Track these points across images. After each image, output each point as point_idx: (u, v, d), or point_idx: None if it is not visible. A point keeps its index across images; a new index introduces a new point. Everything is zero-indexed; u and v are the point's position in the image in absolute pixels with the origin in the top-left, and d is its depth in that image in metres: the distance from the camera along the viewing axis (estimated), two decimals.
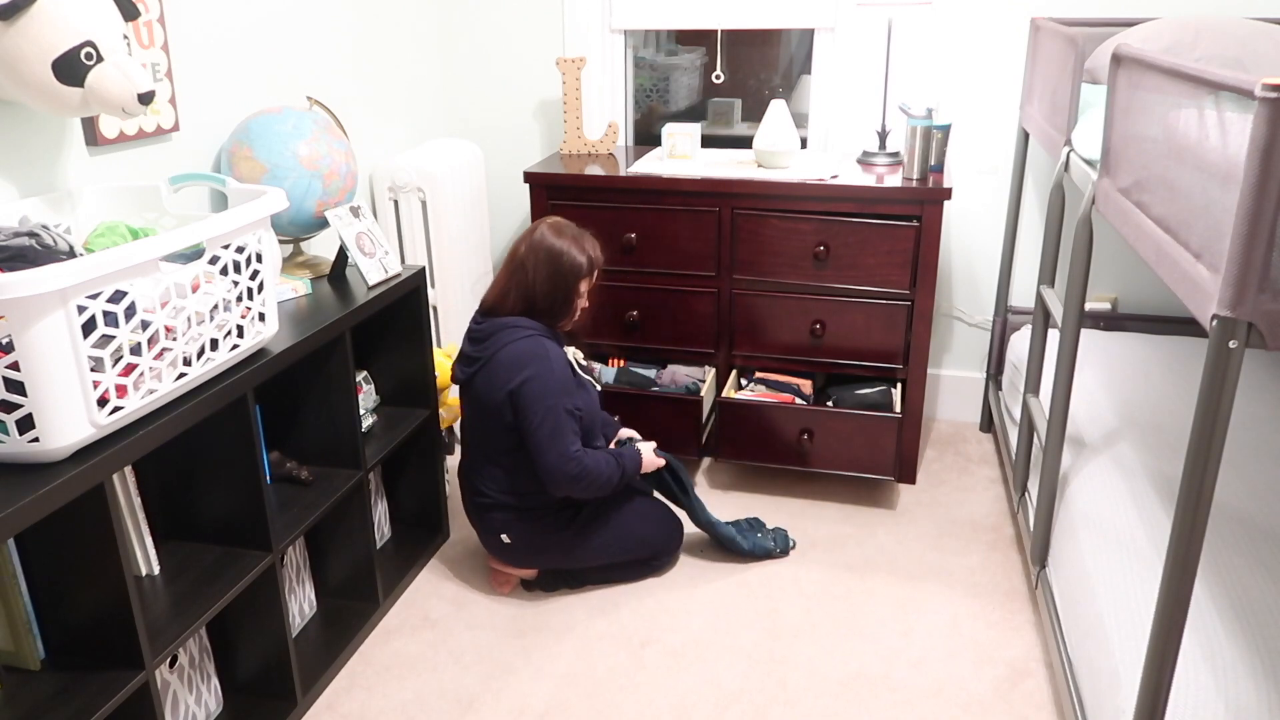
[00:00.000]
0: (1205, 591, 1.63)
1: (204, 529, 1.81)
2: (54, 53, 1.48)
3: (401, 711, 1.96)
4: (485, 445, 2.21)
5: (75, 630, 1.50)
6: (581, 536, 2.23)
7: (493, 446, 2.19)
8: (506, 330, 2.14)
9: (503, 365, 2.12)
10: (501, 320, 2.16)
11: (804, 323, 2.65)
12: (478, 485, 2.24)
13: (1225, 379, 1.15)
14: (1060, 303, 2.09)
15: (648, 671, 2.07)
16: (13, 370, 1.27)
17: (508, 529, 2.22)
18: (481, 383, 2.15)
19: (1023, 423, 2.36)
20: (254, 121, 2.10)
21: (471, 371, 2.18)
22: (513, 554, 2.25)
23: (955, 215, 3.04)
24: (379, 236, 2.22)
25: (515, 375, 2.10)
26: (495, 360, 2.13)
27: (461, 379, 2.22)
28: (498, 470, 2.20)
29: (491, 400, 2.14)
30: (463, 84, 3.26)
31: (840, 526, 2.60)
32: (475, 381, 2.17)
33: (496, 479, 2.21)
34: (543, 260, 2.15)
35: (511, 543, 2.22)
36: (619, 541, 2.28)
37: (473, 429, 2.24)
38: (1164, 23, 2.22)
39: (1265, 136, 1.03)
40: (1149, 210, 1.46)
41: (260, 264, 1.70)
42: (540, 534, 2.22)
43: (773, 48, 3.24)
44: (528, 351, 2.11)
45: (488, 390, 2.14)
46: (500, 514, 2.22)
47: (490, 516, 2.23)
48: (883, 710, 1.95)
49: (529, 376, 2.09)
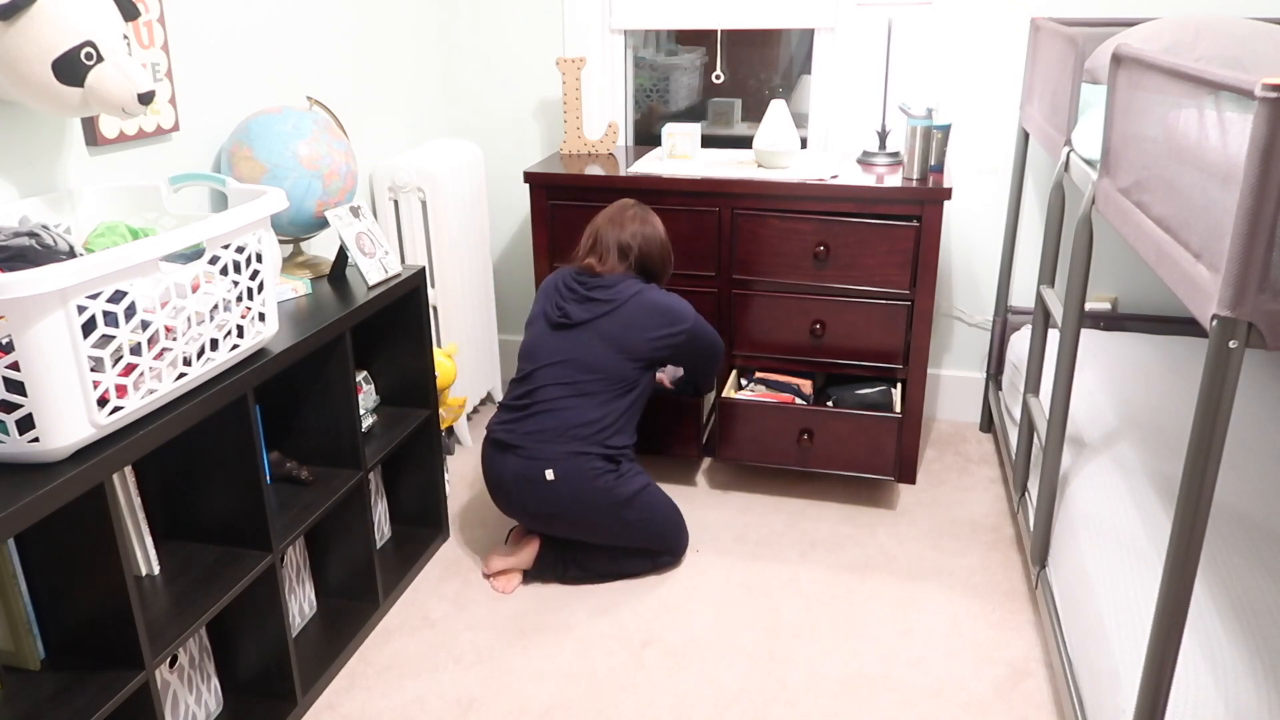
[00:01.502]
0: (1205, 591, 1.63)
1: (204, 529, 1.81)
2: (54, 53, 1.48)
3: (401, 711, 1.96)
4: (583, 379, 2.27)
5: (75, 630, 1.50)
6: (613, 504, 2.25)
7: (595, 379, 2.27)
8: (630, 281, 2.33)
9: (645, 314, 2.30)
10: (617, 275, 2.34)
11: (804, 323, 2.65)
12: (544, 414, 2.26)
13: (1225, 379, 1.15)
14: (1060, 303, 2.09)
15: (648, 671, 2.07)
16: (13, 370, 1.27)
17: (557, 465, 2.22)
18: (616, 324, 2.28)
19: (1023, 423, 2.36)
20: (254, 121, 2.10)
21: (599, 312, 2.29)
22: (542, 499, 2.24)
23: (955, 215, 3.04)
24: (379, 236, 2.22)
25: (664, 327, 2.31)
26: (634, 304, 2.29)
27: (579, 317, 2.30)
28: (578, 402, 2.26)
29: (632, 339, 2.28)
30: (463, 84, 3.26)
31: (840, 526, 2.60)
32: (606, 323, 2.28)
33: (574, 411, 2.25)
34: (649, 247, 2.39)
35: (555, 480, 2.22)
36: (641, 525, 2.30)
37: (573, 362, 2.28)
38: (1164, 23, 2.22)
39: (1265, 136, 1.03)
40: (1149, 210, 1.46)
41: (260, 264, 1.70)
42: (584, 481, 2.23)
43: (773, 48, 3.24)
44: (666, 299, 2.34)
45: (628, 330, 2.28)
46: (557, 448, 2.23)
47: (546, 448, 2.23)
48: (883, 710, 1.95)
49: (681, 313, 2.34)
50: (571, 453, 2.23)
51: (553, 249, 2.77)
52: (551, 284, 2.40)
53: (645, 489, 2.31)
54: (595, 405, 2.26)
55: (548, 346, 2.31)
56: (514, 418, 2.30)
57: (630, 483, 2.28)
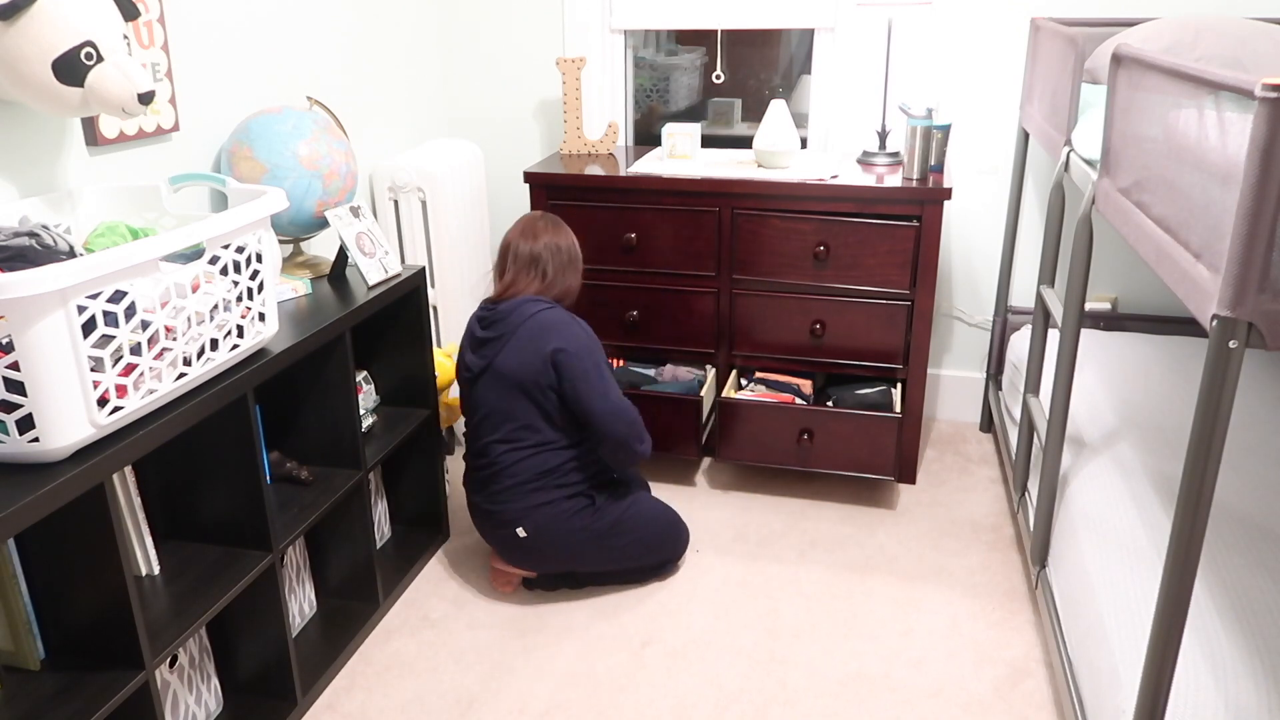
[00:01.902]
0: (1205, 591, 1.63)
1: (204, 529, 1.81)
2: (54, 53, 1.48)
3: (401, 711, 1.96)
4: (509, 429, 2.17)
5: (75, 630, 1.50)
6: (595, 538, 2.21)
7: (519, 428, 2.17)
8: (526, 305, 2.17)
9: (536, 331, 2.13)
10: (516, 300, 2.19)
11: (804, 323, 2.65)
12: (497, 474, 2.18)
13: (1225, 379, 1.15)
14: (1060, 303, 2.09)
15: (648, 671, 2.07)
16: (13, 370, 1.27)
17: (525, 520, 2.16)
18: (510, 358, 2.14)
19: (1023, 423, 2.36)
20: (254, 121, 2.10)
21: (494, 352, 2.16)
22: (525, 551, 2.21)
23: (955, 215, 3.04)
24: (379, 236, 2.22)
25: (553, 337, 2.13)
26: (524, 330, 2.14)
27: (478, 366, 2.19)
28: (523, 454, 2.17)
29: (527, 371, 2.13)
30: (463, 84, 3.26)
31: (840, 526, 2.60)
32: (501, 359, 2.15)
33: (522, 464, 2.17)
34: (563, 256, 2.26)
35: (527, 536, 2.17)
36: (630, 547, 2.26)
37: (494, 414, 2.18)
38: (1164, 23, 2.22)
39: (1265, 136, 1.03)
40: (1149, 210, 1.46)
41: (260, 264, 1.70)
42: (558, 527, 2.17)
43: (773, 48, 3.24)
44: (558, 318, 2.17)
45: (520, 362, 2.13)
46: (520, 504, 2.17)
47: (509, 507, 2.17)
48: (883, 710, 1.95)
49: (569, 335, 2.14)
50: (537, 505, 2.17)
51: None
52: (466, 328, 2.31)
53: (629, 509, 2.26)
54: (549, 454, 2.18)
55: (470, 401, 2.24)
56: (478, 479, 2.24)
57: (609, 512, 2.22)
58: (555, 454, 2.18)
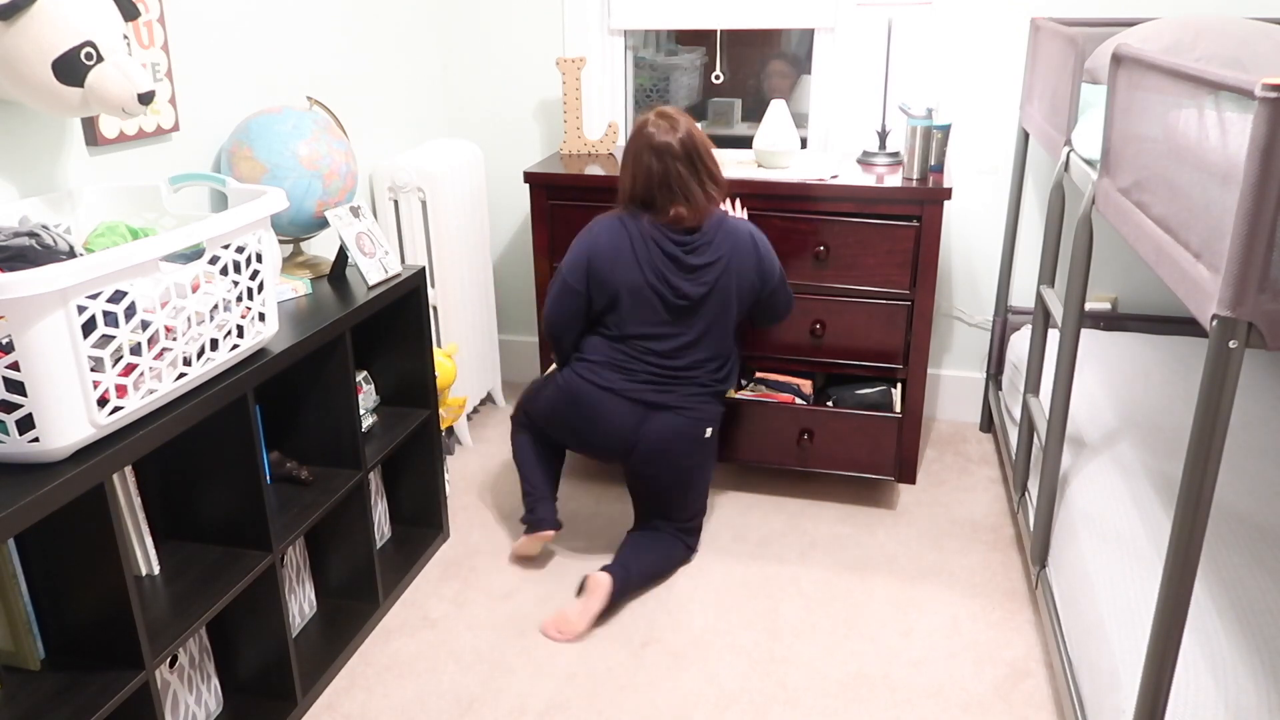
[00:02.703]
0: (1205, 591, 1.63)
1: (204, 529, 1.81)
2: (54, 53, 1.48)
3: (401, 711, 1.96)
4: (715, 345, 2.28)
5: (75, 630, 1.50)
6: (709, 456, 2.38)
7: (727, 338, 2.30)
8: (722, 221, 2.25)
9: (741, 246, 2.25)
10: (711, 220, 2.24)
11: (804, 323, 2.65)
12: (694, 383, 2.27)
13: (1225, 379, 1.15)
14: (1060, 303, 2.09)
15: (648, 671, 2.07)
16: (13, 370, 1.27)
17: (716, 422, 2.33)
18: (733, 280, 2.25)
19: (1023, 423, 2.36)
20: (254, 121, 2.10)
21: (714, 276, 2.23)
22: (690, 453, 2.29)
23: (955, 215, 3.04)
24: (379, 236, 2.22)
25: (753, 244, 2.27)
26: (737, 252, 2.24)
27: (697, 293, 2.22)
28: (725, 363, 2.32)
29: (745, 284, 2.27)
30: (463, 84, 3.26)
31: (840, 526, 2.60)
32: (722, 281, 2.23)
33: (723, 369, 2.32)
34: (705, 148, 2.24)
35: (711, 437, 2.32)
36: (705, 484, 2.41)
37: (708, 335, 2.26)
38: (1164, 23, 2.22)
39: (1265, 136, 1.03)
40: (1149, 210, 1.46)
41: (260, 264, 1.70)
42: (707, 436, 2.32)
43: (773, 48, 3.23)
44: (743, 224, 2.29)
45: (740, 276, 2.25)
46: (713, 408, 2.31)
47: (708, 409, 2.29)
48: (883, 710, 1.95)
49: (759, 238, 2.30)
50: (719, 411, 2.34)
51: (552, 249, 2.77)
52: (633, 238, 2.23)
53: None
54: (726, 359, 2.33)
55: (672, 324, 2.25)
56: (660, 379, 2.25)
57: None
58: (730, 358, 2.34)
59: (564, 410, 2.30)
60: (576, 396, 2.27)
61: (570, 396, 2.28)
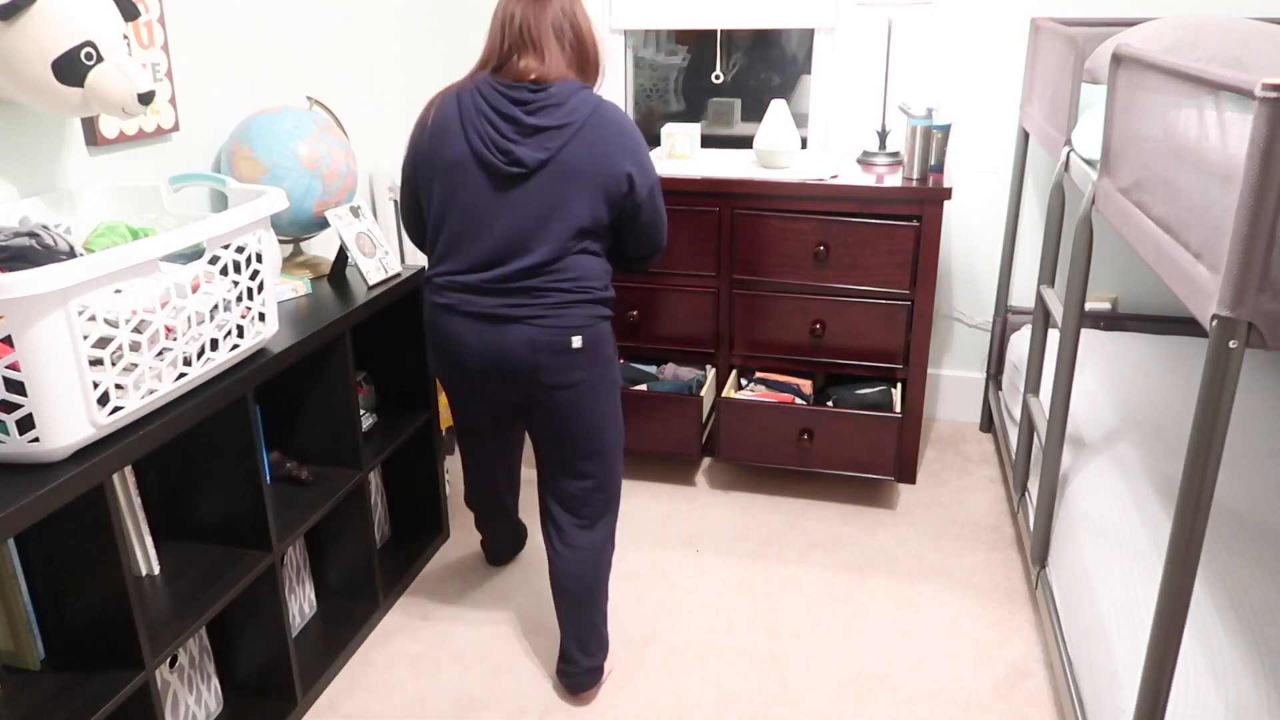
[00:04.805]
0: (1205, 591, 1.63)
1: (204, 529, 1.81)
2: (54, 53, 1.48)
3: (401, 711, 1.96)
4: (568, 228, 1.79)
5: (75, 630, 1.50)
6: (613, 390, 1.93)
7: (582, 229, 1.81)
8: (583, 92, 1.80)
9: (613, 131, 1.80)
10: (566, 84, 1.79)
11: (804, 323, 2.65)
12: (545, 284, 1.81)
13: (1225, 379, 1.15)
14: (1060, 303, 2.09)
15: (648, 671, 2.07)
16: (13, 370, 1.27)
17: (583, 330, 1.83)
18: (580, 149, 1.77)
19: (1023, 423, 2.36)
20: (254, 121, 2.10)
21: (559, 143, 1.76)
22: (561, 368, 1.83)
23: (955, 215, 3.04)
24: (379, 236, 2.22)
25: (632, 144, 1.82)
26: (596, 123, 1.78)
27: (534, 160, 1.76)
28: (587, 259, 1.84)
29: (602, 171, 1.78)
30: None
31: (840, 526, 2.60)
32: (568, 152, 1.76)
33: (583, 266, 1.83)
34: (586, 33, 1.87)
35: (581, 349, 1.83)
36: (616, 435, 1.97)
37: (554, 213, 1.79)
38: (1164, 23, 2.22)
39: (1265, 136, 1.03)
40: (1149, 210, 1.46)
41: (260, 264, 1.70)
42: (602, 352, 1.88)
43: (773, 48, 3.23)
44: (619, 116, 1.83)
45: (592, 156, 1.77)
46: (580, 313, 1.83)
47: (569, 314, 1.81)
48: (883, 710, 1.95)
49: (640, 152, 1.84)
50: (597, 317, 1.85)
51: None
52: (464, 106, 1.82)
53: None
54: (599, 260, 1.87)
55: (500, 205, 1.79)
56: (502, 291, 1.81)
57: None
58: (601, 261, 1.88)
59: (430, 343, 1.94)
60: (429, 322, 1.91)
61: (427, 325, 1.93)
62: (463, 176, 1.80)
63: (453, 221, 1.83)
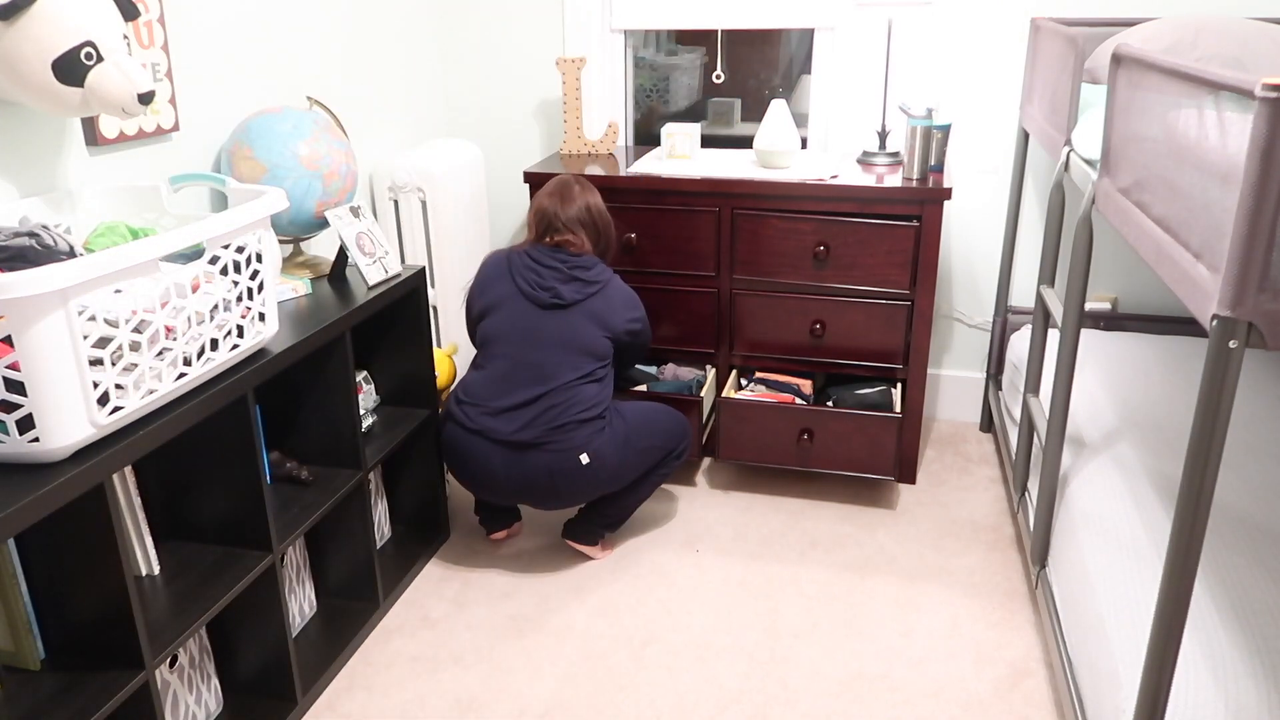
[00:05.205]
0: (1205, 591, 1.63)
1: (204, 529, 1.81)
2: (54, 53, 1.48)
3: (401, 711, 1.96)
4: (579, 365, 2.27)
5: (75, 630, 1.50)
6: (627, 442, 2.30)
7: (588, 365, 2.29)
8: (601, 264, 2.37)
9: (621, 299, 2.35)
10: (591, 257, 2.36)
11: (804, 323, 2.65)
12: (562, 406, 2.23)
13: (1225, 379, 1.15)
14: (1060, 303, 2.09)
15: (648, 671, 2.07)
16: (13, 370, 1.27)
17: (588, 446, 2.23)
18: (600, 305, 2.31)
19: (1023, 423, 2.36)
20: (254, 121, 2.10)
21: (588, 293, 2.30)
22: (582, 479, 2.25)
23: (955, 215, 3.04)
24: (379, 236, 2.22)
25: (633, 311, 2.38)
26: (612, 289, 2.34)
27: (572, 297, 2.29)
28: (593, 387, 2.29)
29: (612, 322, 2.32)
30: (463, 84, 3.26)
31: (840, 526, 2.60)
32: (593, 304, 2.30)
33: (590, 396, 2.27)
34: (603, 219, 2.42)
35: (591, 461, 2.24)
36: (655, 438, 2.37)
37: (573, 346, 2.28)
38: (1164, 23, 2.22)
39: (1265, 136, 1.03)
40: (1149, 210, 1.46)
41: (260, 264, 1.70)
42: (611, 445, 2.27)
43: (773, 48, 3.23)
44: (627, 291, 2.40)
45: (607, 313, 2.32)
46: (583, 432, 2.23)
47: (574, 436, 2.23)
48: (883, 710, 1.95)
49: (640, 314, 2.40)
50: (596, 431, 2.25)
51: None
52: (514, 262, 2.34)
53: (629, 409, 2.37)
54: (599, 387, 2.30)
55: (538, 328, 2.28)
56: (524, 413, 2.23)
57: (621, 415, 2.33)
58: (603, 388, 2.32)
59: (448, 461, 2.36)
60: (449, 444, 2.31)
61: (447, 446, 2.32)
62: (508, 304, 2.31)
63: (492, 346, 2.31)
